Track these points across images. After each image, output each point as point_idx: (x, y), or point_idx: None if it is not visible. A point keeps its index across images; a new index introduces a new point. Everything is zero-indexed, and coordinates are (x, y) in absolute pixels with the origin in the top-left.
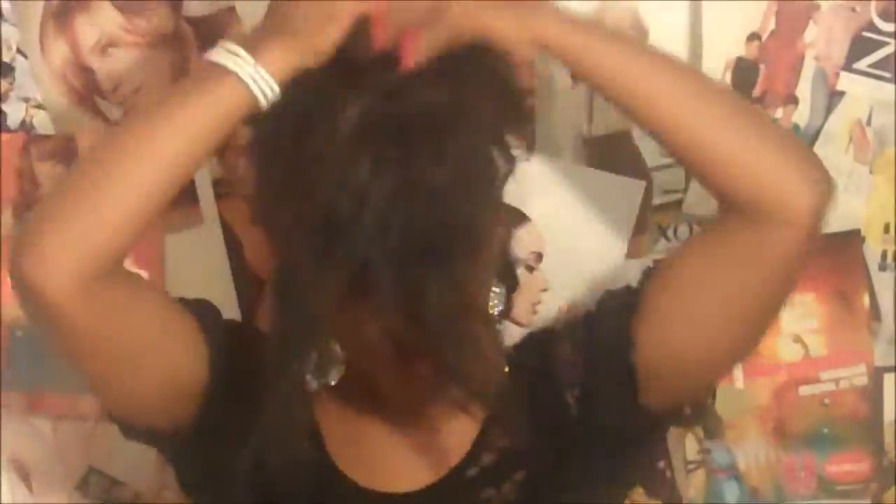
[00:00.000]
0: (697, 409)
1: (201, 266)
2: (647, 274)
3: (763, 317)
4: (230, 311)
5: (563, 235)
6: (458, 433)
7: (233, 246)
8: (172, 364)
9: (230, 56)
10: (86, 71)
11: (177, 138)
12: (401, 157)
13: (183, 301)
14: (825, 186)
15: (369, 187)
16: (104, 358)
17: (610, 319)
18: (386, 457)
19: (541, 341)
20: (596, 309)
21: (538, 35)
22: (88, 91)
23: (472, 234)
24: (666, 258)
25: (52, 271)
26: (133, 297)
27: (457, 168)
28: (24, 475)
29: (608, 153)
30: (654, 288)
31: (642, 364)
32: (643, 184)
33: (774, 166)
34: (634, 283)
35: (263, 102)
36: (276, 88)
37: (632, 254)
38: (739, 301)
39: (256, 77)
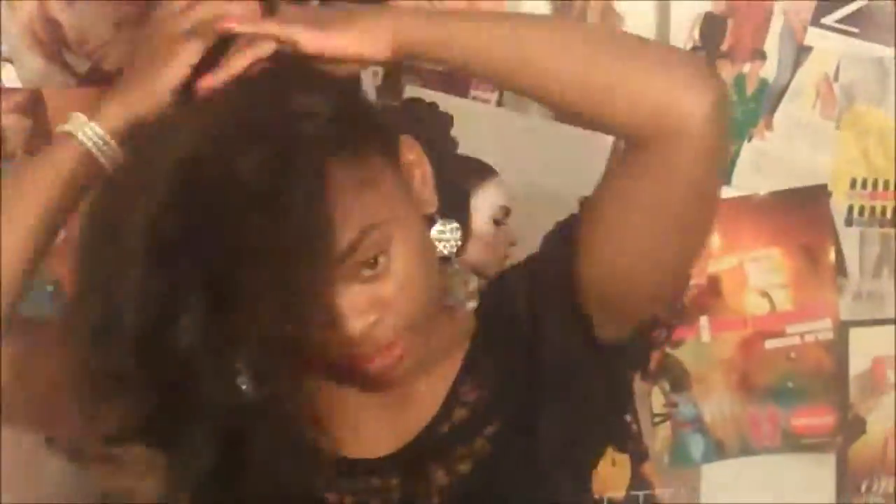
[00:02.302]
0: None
1: None
2: (580, 212)
3: (691, 230)
4: None
5: (532, 190)
6: (429, 391)
7: None
8: None
9: (71, 120)
10: (52, 24)
11: (30, 211)
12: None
13: None
14: (716, 92)
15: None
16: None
17: (552, 266)
18: (357, 422)
19: (500, 286)
20: (539, 254)
21: (399, 45)
22: (55, 44)
23: None
24: (590, 196)
25: None
26: (29, 342)
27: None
28: None
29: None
30: (585, 228)
31: (592, 302)
32: (611, 139)
33: (656, 85)
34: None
35: (102, 159)
36: (111, 142)
37: None
38: (662, 220)
39: (89, 133)
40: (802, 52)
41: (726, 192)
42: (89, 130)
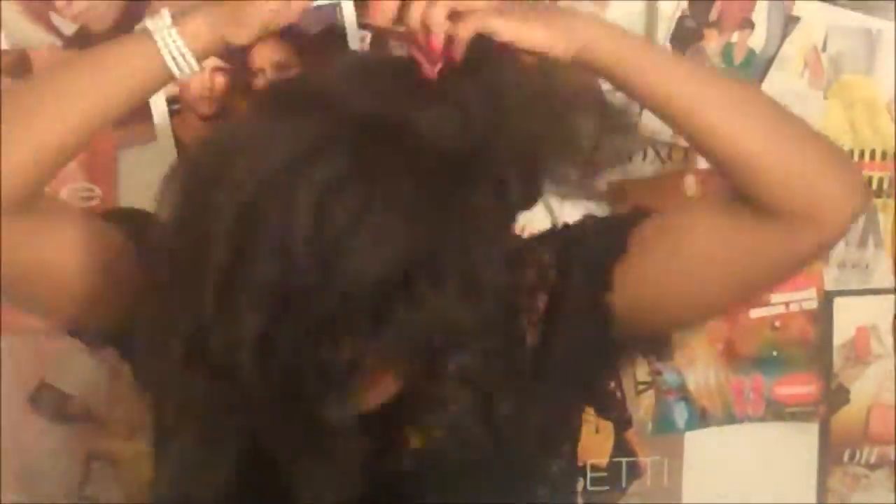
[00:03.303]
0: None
1: (155, 182)
2: (638, 219)
3: (756, 293)
4: None
5: None
6: None
7: None
8: (105, 275)
9: (155, 19)
10: None
11: (87, 96)
12: None
13: (108, 213)
14: (862, 195)
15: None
16: (22, 280)
17: (591, 256)
18: None
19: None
20: (576, 237)
21: (583, 48)
22: (42, 6)
23: None
24: (669, 215)
25: None
26: (49, 223)
27: None
28: None
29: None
30: (649, 239)
31: (616, 305)
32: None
33: (815, 176)
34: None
35: (176, 72)
36: (192, 60)
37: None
38: (739, 281)
39: (171, 44)
40: (790, 22)
41: None
42: (168, 37)
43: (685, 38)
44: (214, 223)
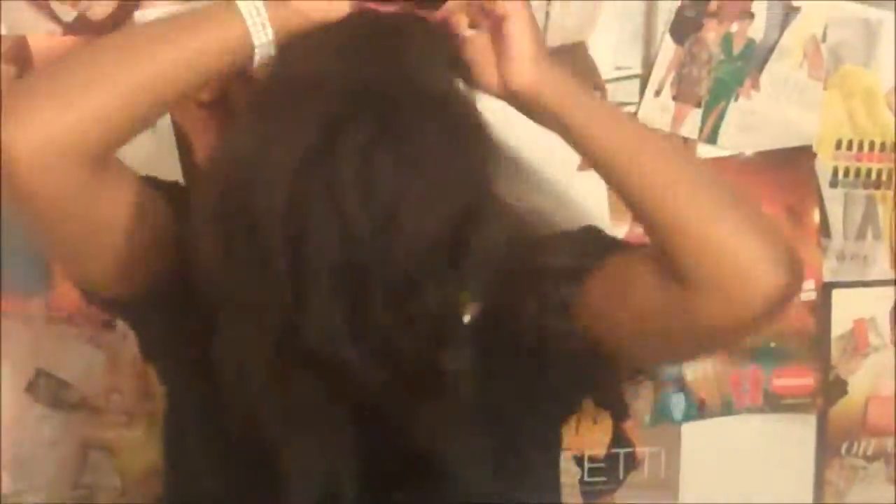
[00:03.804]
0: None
1: (153, 167)
2: (611, 249)
3: (686, 356)
4: None
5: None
6: None
7: (184, 148)
8: (141, 240)
9: None
10: None
11: (167, 55)
12: None
13: (152, 180)
14: (793, 281)
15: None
16: (70, 231)
17: (563, 273)
18: None
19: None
20: (563, 249)
21: (537, 82)
22: None
23: None
24: (629, 258)
25: (29, 141)
26: (105, 181)
27: None
28: None
29: (562, 64)
30: (606, 273)
31: (580, 326)
32: (598, 94)
33: (744, 253)
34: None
35: (254, 40)
36: (269, 29)
37: (583, 166)
38: (665, 343)
39: (252, 10)
40: (790, 12)
41: (711, 152)
42: (253, 8)
43: (684, 28)
44: (264, 222)
